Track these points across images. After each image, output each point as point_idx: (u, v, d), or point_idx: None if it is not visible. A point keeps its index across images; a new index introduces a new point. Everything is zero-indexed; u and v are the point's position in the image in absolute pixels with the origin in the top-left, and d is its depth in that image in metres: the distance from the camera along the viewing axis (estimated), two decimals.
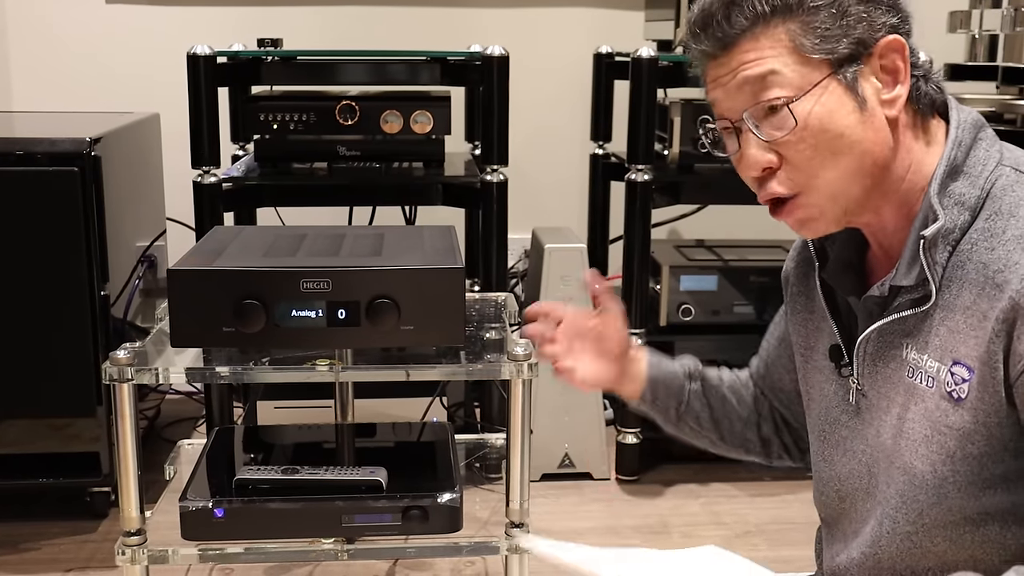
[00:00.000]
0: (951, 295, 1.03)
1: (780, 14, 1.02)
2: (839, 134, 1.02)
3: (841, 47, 1.01)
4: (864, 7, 1.02)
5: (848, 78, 1.02)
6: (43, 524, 2.25)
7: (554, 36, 3.01)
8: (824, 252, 1.18)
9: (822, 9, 1.01)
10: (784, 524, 2.30)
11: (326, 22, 2.95)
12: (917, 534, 1.08)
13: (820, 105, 1.02)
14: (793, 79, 1.02)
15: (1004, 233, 1.00)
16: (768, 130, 1.04)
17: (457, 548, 1.62)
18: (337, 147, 2.33)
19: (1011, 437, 1.01)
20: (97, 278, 2.10)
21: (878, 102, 1.04)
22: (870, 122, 1.03)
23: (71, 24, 2.89)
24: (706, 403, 1.36)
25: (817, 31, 1.01)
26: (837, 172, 1.04)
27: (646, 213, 2.41)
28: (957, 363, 1.02)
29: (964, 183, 1.04)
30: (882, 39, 1.02)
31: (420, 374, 1.60)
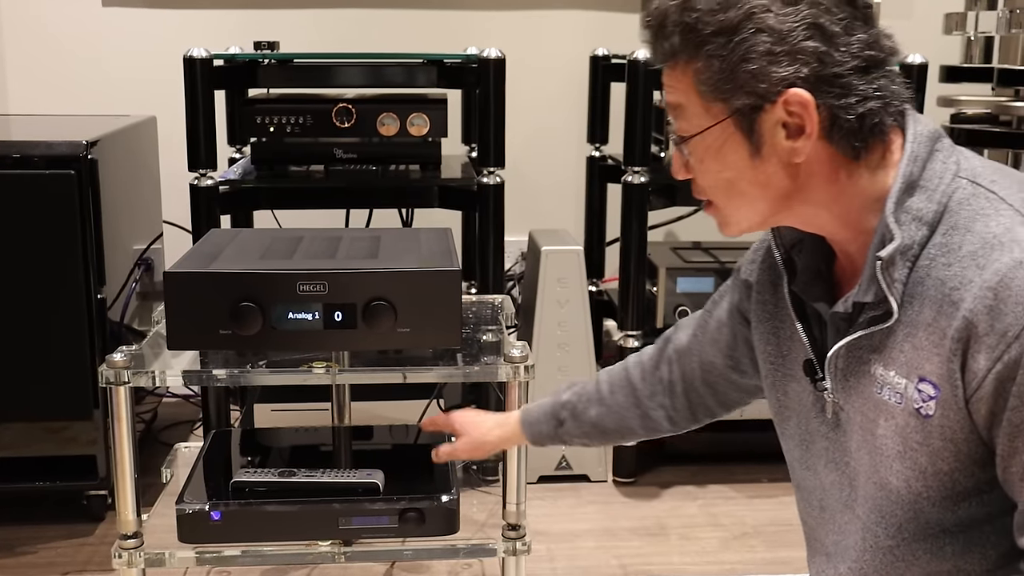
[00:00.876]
0: (913, 312, 1.03)
1: (685, 55, 1.05)
2: (730, 176, 1.07)
3: (736, 97, 1.03)
4: (760, 63, 1.00)
5: (743, 125, 1.04)
6: (40, 527, 2.25)
7: (551, 38, 3.01)
8: (791, 263, 1.18)
9: (717, 60, 1.02)
10: (781, 526, 2.30)
11: (322, 25, 2.95)
12: (899, 547, 1.08)
13: (714, 146, 1.06)
14: (693, 116, 1.07)
15: (960, 249, 1.00)
16: (682, 147, 1.10)
17: (454, 550, 1.62)
18: (334, 150, 2.33)
19: (977, 451, 1.01)
20: (93, 281, 2.10)
21: (781, 148, 1.04)
22: (763, 167, 1.05)
23: (67, 27, 2.89)
24: (583, 431, 1.47)
25: (713, 79, 1.03)
26: (735, 202, 1.09)
27: (643, 215, 2.42)
28: (923, 380, 1.02)
29: (921, 198, 1.03)
30: (784, 92, 1.01)
31: (417, 376, 1.60)
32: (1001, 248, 0.96)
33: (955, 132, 2.65)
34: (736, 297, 1.32)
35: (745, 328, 1.30)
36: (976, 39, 2.68)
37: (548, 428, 1.48)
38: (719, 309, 1.36)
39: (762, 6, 1.00)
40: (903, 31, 3.28)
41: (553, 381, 2.45)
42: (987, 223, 0.99)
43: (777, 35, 0.99)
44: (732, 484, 2.51)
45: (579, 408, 1.45)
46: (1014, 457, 0.97)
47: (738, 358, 1.33)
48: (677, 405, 1.41)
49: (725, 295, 1.35)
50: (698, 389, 1.39)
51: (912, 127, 1.06)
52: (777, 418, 1.26)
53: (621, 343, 2.47)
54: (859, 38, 1.01)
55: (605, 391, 1.45)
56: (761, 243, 1.28)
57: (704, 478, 2.53)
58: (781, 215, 1.09)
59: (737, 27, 1.00)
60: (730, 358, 1.34)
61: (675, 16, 1.04)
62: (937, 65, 2.67)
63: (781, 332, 1.22)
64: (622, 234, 2.44)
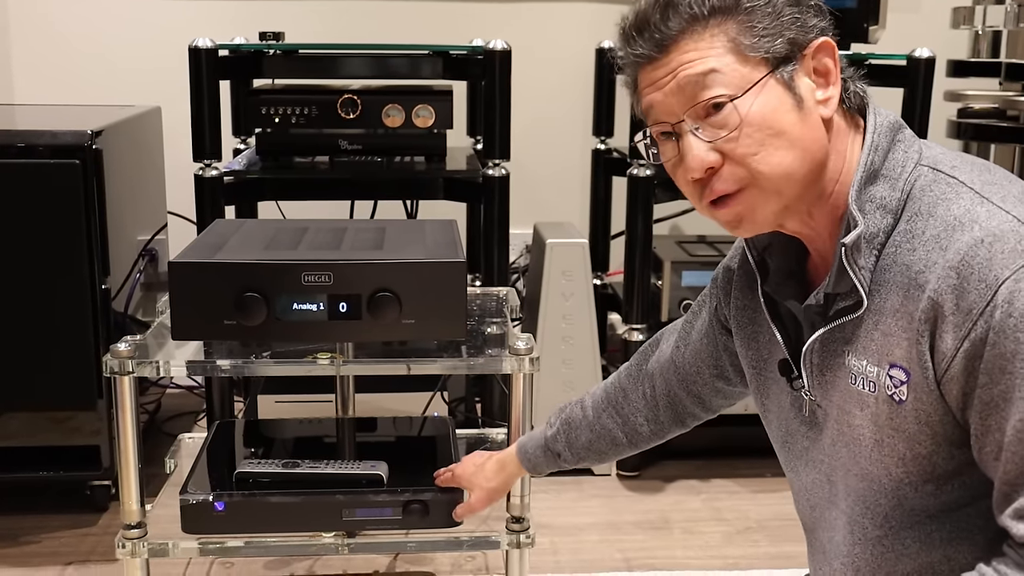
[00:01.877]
0: (881, 299, 1.03)
1: (717, 15, 1.03)
2: (781, 130, 1.03)
3: (777, 47, 1.03)
4: (795, 9, 1.04)
5: (786, 77, 1.04)
6: (43, 517, 2.25)
7: (556, 31, 3.00)
8: (765, 265, 1.18)
9: (757, 10, 1.03)
10: (785, 520, 2.30)
11: (328, 16, 2.94)
12: (887, 538, 1.09)
13: (761, 103, 1.03)
14: (733, 78, 1.03)
15: (924, 234, 1.01)
16: (710, 130, 1.04)
17: (458, 542, 1.62)
18: (339, 141, 2.33)
19: (953, 432, 1.02)
20: (98, 271, 2.10)
21: (813, 101, 1.05)
22: (808, 120, 1.04)
23: (73, 17, 2.88)
24: (580, 458, 1.48)
25: (754, 30, 1.03)
26: (781, 167, 1.04)
27: (648, 208, 2.41)
28: (894, 366, 1.02)
29: (884, 186, 1.05)
30: (814, 40, 1.04)
31: (421, 368, 1.60)
32: (962, 228, 0.98)
33: (962, 127, 2.64)
34: (714, 305, 1.32)
35: (726, 336, 1.31)
36: (984, 33, 2.67)
37: (546, 462, 1.50)
38: (699, 319, 1.36)
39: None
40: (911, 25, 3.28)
41: (557, 374, 2.44)
42: (948, 206, 1.00)
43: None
44: (736, 478, 2.50)
45: (571, 437, 1.47)
46: (987, 435, 0.98)
47: (722, 366, 1.34)
48: (662, 417, 1.42)
49: (704, 304, 1.35)
50: (683, 400, 1.39)
51: (872, 118, 1.08)
52: (764, 422, 1.27)
53: (625, 336, 2.46)
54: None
55: (591, 416, 1.46)
56: (736, 250, 1.28)
57: (708, 472, 2.53)
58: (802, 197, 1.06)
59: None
60: (715, 367, 1.34)
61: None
62: (944, 59, 2.66)
63: (760, 336, 1.22)
64: (627, 227, 2.44)
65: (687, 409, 1.40)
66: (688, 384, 1.38)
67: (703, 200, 1.08)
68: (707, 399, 1.38)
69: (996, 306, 0.93)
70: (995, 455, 0.98)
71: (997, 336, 0.94)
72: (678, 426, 1.43)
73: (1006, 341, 0.93)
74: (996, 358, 0.94)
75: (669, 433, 1.44)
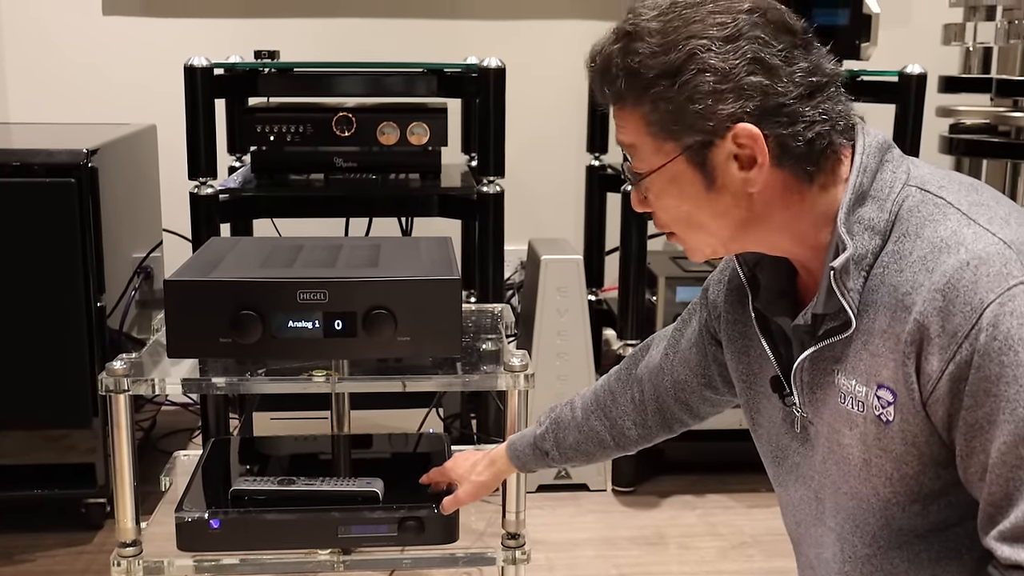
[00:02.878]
0: (869, 319, 1.04)
1: (632, 97, 1.06)
2: (688, 209, 1.08)
3: (686, 135, 1.04)
4: (706, 102, 1.02)
5: (696, 160, 1.05)
6: (38, 536, 2.24)
7: (550, 48, 3.02)
8: (755, 281, 1.19)
9: (663, 102, 1.03)
10: (780, 535, 2.28)
11: (323, 34, 2.95)
12: (876, 557, 1.09)
13: (670, 182, 1.07)
14: (646, 155, 1.08)
15: (911, 255, 1.01)
16: (638, 188, 1.12)
17: (453, 559, 1.62)
18: (334, 158, 2.33)
19: (939, 452, 1.02)
20: (93, 289, 2.10)
21: (735, 178, 1.05)
22: (719, 199, 1.06)
23: (68, 35, 2.89)
24: (567, 457, 1.49)
25: (663, 120, 1.04)
26: (694, 233, 1.11)
27: (642, 224, 2.42)
28: (881, 387, 1.03)
29: (872, 207, 1.05)
30: (733, 128, 1.02)
31: (416, 385, 1.60)
32: (948, 251, 0.98)
33: (954, 142, 2.65)
34: (704, 316, 1.33)
35: (715, 347, 1.32)
36: (975, 49, 2.68)
37: (535, 460, 1.51)
38: (689, 328, 1.37)
39: (703, 46, 1.01)
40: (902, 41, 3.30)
41: (552, 390, 2.45)
42: (935, 228, 1.01)
43: (720, 73, 1.01)
44: (730, 493, 2.51)
45: (559, 437, 1.48)
46: (972, 457, 0.98)
47: (711, 376, 1.34)
48: (650, 422, 1.42)
49: (694, 314, 1.36)
50: (671, 406, 1.40)
51: (861, 140, 1.08)
52: (754, 436, 1.28)
53: (620, 352, 2.47)
54: (800, 67, 1.03)
55: (580, 417, 1.47)
56: (727, 263, 1.29)
57: (703, 487, 2.53)
58: (740, 241, 1.11)
59: (680, 68, 1.02)
60: (703, 376, 1.35)
61: (619, 60, 1.06)
62: (936, 75, 2.67)
63: (751, 351, 1.23)
64: (622, 243, 2.45)
65: (675, 415, 1.41)
66: (676, 391, 1.38)
67: None
68: (695, 406, 1.39)
69: (981, 329, 0.94)
70: (980, 476, 0.98)
71: (982, 359, 0.94)
72: (665, 431, 1.43)
73: (991, 364, 0.94)
74: (981, 381, 0.95)
75: (656, 437, 1.44)
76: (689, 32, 1.02)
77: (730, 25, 1.02)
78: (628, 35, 1.05)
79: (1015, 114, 2.58)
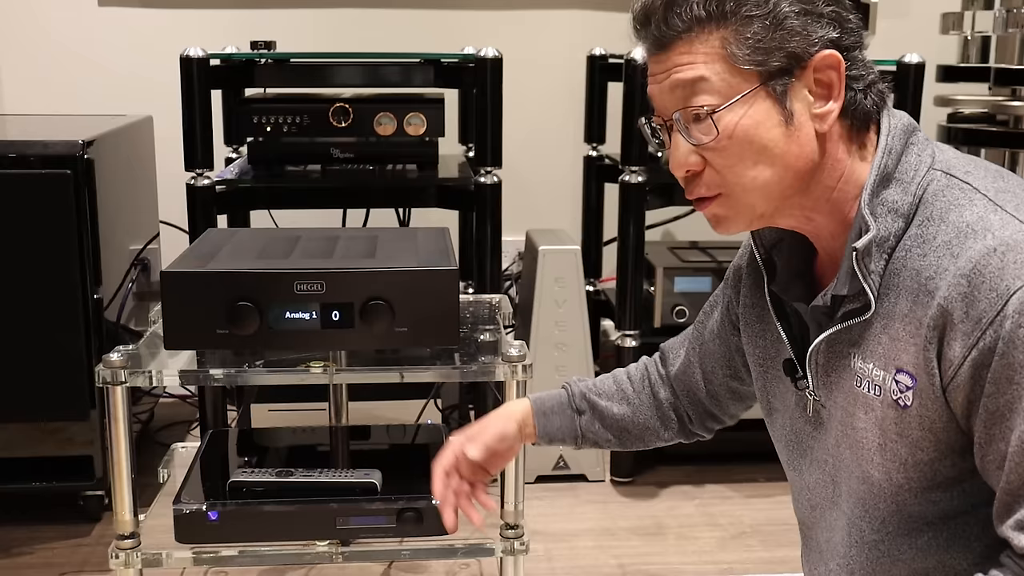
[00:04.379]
0: (890, 303, 1.03)
1: (715, 20, 1.02)
2: (762, 146, 1.03)
3: (773, 60, 1.01)
4: (801, 20, 1.01)
5: (777, 91, 1.02)
6: (36, 528, 2.24)
7: (548, 38, 3.01)
8: (772, 263, 1.18)
9: (756, 20, 1.00)
10: (779, 525, 2.30)
11: (319, 24, 2.94)
12: (883, 542, 1.09)
13: (746, 116, 1.02)
14: (721, 87, 1.02)
15: (935, 239, 1.00)
16: (695, 134, 1.05)
17: (452, 550, 1.62)
18: (331, 149, 2.33)
19: (956, 440, 1.02)
20: (90, 281, 2.10)
21: (808, 116, 1.03)
22: (795, 136, 1.03)
23: (64, 26, 2.88)
24: (601, 426, 1.38)
25: (749, 42, 1.01)
26: (757, 181, 1.04)
27: (640, 215, 2.42)
28: (900, 371, 1.02)
29: (896, 190, 1.04)
30: (817, 54, 1.02)
31: (414, 376, 1.60)
32: (974, 236, 0.97)
33: (952, 131, 2.65)
34: (725, 304, 1.32)
35: (737, 337, 1.30)
36: (973, 39, 2.68)
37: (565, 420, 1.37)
38: (711, 320, 1.35)
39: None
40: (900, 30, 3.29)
41: (551, 381, 2.44)
42: (961, 213, 1.00)
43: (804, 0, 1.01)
44: (729, 484, 2.51)
45: (601, 404, 1.38)
46: (991, 444, 0.98)
47: (736, 367, 1.33)
48: (692, 415, 1.39)
49: (716, 306, 1.35)
50: (703, 401, 1.38)
51: (887, 121, 1.07)
52: (767, 420, 1.27)
53: (618, 343, 2.47)
54: (856, 16, 1.04)
55: (630, 391, 1.39)
56: (745, 248, 1.27)
57: (701, 478, 2.53)
58: (786, 207, 1.08)
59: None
60: (728, 367, 1.33)
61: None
62: (934, 64, 2.67)
63: (768, 334, 1.22)
64: (619, 234, 2.44)
65: (707, 409, 1.38)
66: (706, 384, 1.36)
67: (688, 194, 1.10)
68: (723, 401, 1.37)
69: (1006, 316, 0.93)
70: (998, 464, 0.98)
71: (1006, 346, 0.94)
72: (701, 428, 1.40)
73: (1014, 352, 0.93)
74: (1004, 368, 0.94)
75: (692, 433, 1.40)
76: None
77: None
78: None
79: (1013, 103, 2.58)
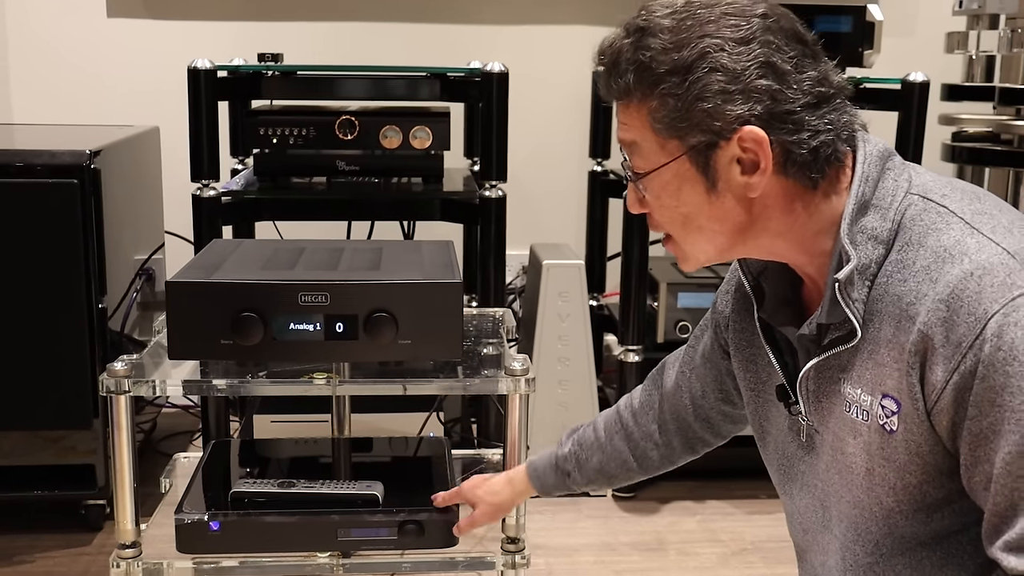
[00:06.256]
0: (875, 329, 1.04)
1: (640, 93, 1.05)
2: (687, 212, 1.08)
3: (692, 135, 1.04)
4: (714, 103, 1.01)
5: (699, 162, 1.05)
6: (38, 537, 2.24)
7: (553, 53, 3.02)
8: (760, 289, 1.19)
9: (672, 98, 1.03)
10: (780, 542, 2.30)
11: (326, 37, 2.96)
12: (878, 564, 1.09)
13: (670, 183, 1.07)
14: (649, 154, 1.07)
15: (914, 264, 1.01)
16: (634, 186, 1.11)
17: (453, 563, 1.62)
18: (336, 162, 2.34)
19: (944, 462, 1.02)
20: (95, 290, 2.10)
21: (737, 183, 1.05)
22: (719, 202, 1.06)
23: (72, 37, 2.90)
24: (588, 479, 1.48)
25: (667, 118, 1.04)
26: (691, 237, 1.10)
27: (644, 230, 2.42)
28: (886, 396, 1.03)
29: (875, 217, 1.04)
30: (737, 131, 1.02)
31: (417, 388, 1.60)
32: (951, 260, 0.98)
33: (957, 150, 2.66)
34: (714, 330, 1.33)
35: (727, 360, 1.31)
36: (978, 58, 2.68)
37: (555, 481, 1.50)
38: (702, 344, 1.36)
39: (716, 45, 1.01)
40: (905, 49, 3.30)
41: (553, 395, 2.45)
42: (939, 237, 1.01)
43: (731, 74, 1.01)
44: (731, 500, 2.50)
45: (581, 458, 1.48)
46: (977, 466, 0.98)
47: (727, 390, 1.34)
48: (673, 443, 1.42)
49: (706, 330, 1.36)
50: (692, 425, 1.40)
51: (862, 148, 1.07)
52: (760, 444, 1.27)
53: (621, 358, 2.47)
54: (809, 75, 1.03)
55: (603, 438, 1.47)
56: (733, 273, 1.28)
57: (703, 494, 2.53)
58: (738, 248, 1.10)
59: (691, 66, 1.01)
60: (719, 391, 1.35)
61: (629, 54, 1.05)
62: (939, 83, 2.67)
63: (758, 359, 1.23)
64: (623, 249, 2.45)
65: (696, 434, 1.40)
66: (695, 409, 1.38)
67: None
68: (715, 424, 1.39)
69: (985, 340, 0.94)
70: (984, 486, 0.98)
71: (986, 370, 0.94)
72: (688, 452, 1.43)
73: (995, 375, 0.94)
74: (985, 391, 0.95)
75: (679, 459, 1.44)
76: (703, 31, 1.02)
77: (743, 27, 1.02)
78: (640, 30, 1.05)
79: (1018, 123, 2.58)
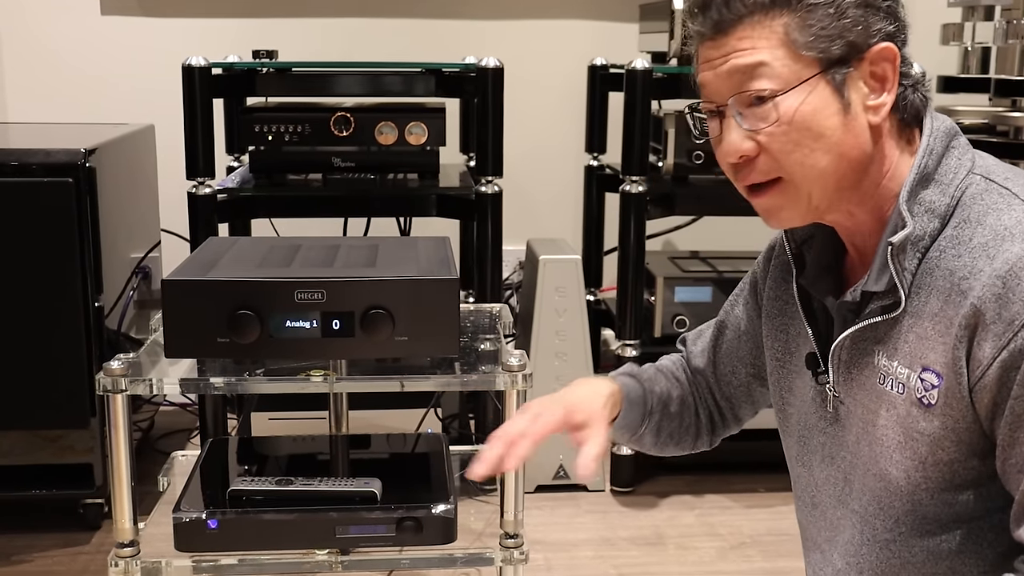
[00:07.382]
0: (920, 302, 1.04)
1: (778, 6, 1.02)
2: (820, 133, 1.03)
3: (834, 48, 1.02)
4: (862, 11, 1.02)
5: (836, 79, 1.03)
6: (36, 536, 2.24)
7: (549, 48, 3.02)
8: (801, 258, 1.19)
9: (819, 7, 1.01)
10: (779, 535, 2.30)
11: (321, 34, 2.95)
12: (895, 542, 1.09)
13: (805, 103, 1.03)
14: (782, 73, 1.02)
15: (971, 241, 1.01)
16: (751, 119, 1.05)
17: (451, 559, 1.62)
18: (332, 158, 2.33)
19: (978, 441, 1.02)
20: (91, 289, 2.10)
21: (863, 107, 1.04)
22: (851, 125, 1.04)
23: (66, 35, 2.89)
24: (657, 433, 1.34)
25: (812, 28, 1.01)
26: (814, 169, 1.04)
27: (640, 224, 2.42)
28: (926, 369, 1.03)
29: (935, 191, 1.05)
30: (875, 45, 1.03)
31: (415, 385, 1.60)
32: (1012, 239, 0.98)
33: None
34: (751, 301, 1.31)
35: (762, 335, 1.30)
36: (973, 50, 2.68)
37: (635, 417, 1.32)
38: (732, 319, 1.34)
39: None
40: None
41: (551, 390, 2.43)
42: (999, 217, 1.01)
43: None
44: (729, 494, 2.50)
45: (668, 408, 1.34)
46: (1014, 447, 0.98)
47: (760, 366, 1.32)
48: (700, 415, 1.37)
49: (737, 304, 1.34)
50: (718, 404, 1.37)
51: (930, 122, 1.08)
52: (779, 415, 1.26)
53: (619, 352, 2.47)
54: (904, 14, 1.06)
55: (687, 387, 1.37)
56: (772, 243, 1.28)
57: (701, 488, 2.53)
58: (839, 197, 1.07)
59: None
60: (753, 366, 1.33)
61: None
62: (934, 75, 2.67)
63: (790, 328, 1.22)
64: (620, 243, 2.45)
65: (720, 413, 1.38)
66: (722, 386, 1.36)
67: (738, 184, 1.10)
68: (736, 403, 1.36)
69: None
70: (1019, 468, 0.98)
71: None
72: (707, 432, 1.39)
73: None
74: None
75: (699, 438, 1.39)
76: None
77: None
78: None
79: (1014, 114, 2.58)
